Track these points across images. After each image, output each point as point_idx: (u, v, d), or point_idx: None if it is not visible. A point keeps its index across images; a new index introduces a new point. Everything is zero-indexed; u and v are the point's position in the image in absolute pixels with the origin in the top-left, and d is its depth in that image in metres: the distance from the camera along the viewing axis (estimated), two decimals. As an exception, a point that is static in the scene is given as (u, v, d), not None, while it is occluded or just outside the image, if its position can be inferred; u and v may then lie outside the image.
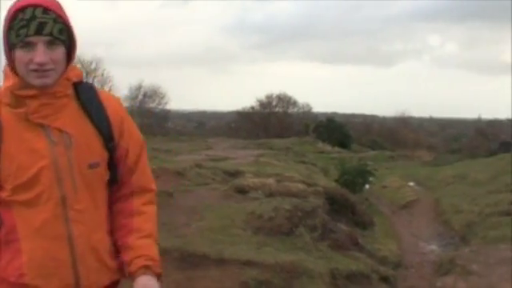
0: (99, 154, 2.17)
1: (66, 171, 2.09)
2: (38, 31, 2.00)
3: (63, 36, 2.06)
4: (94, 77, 46.95)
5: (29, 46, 2.01)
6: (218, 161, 20.88)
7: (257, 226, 9.39)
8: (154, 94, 52.85)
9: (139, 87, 52.30)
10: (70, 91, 2.15)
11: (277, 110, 55.96)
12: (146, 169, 2.35)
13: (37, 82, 2.03)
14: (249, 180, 14.52)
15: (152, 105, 53.33)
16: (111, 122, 2.21)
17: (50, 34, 2.02)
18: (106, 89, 46.95)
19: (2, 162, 2.06)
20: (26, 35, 1.99)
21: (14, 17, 2.02)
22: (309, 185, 14.93)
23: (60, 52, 2.06)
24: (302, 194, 12.93)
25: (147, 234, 2.27)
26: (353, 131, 49.02)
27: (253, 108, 55.62)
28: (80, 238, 2.13)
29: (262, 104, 55.48)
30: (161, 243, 2.40)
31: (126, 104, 51.09)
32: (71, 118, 2.14)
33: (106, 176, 2.22)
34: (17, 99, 2.07)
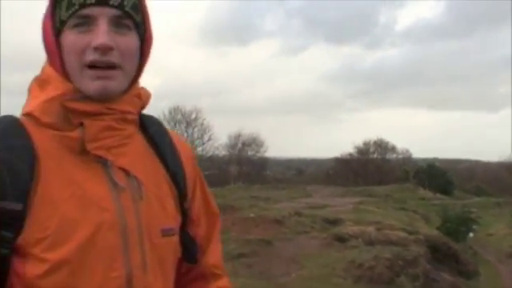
0: (174, 215, 1.41)
1: (134, 236, 1.30)
2: (102, 0, 1.27)
3: (138, 16, 1.33)
4: (194, 127, 48.35)
5: (86, 23, 1.27)
6: (317, 208, 20.91)
7: (357, 275, 9.35)
8: (252, 142, 53.77)
9: (238, 135, 53.41)
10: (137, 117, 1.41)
11: (375, 156, 55.49)
12: (219, 248, 1.58)
13: (94, 85, 1.28)
14: (348, 228, 14.49)
15: (251, 153, 54.20)
16: (186, 173, 1.46)
17: (121, 7, 1.28)
18: (206, 138, 48.34)
19: (35, 214, 1.23)
20: (83, 5, 1.25)
21: None
22: (410, 233, 14.70)
23: (133, 39, 1.32)
24: (403, 242, 12.76)
25: None
26: (455, 177, 47.78)
27: (351, 154, 55.41)
28: None
29: (359, 150, 55.19)
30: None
31: (224, 152, 52.46)
32: (139, 156, 1.39)
33: (179, 250, 1.44)
34: (66, 117, 1.29)
